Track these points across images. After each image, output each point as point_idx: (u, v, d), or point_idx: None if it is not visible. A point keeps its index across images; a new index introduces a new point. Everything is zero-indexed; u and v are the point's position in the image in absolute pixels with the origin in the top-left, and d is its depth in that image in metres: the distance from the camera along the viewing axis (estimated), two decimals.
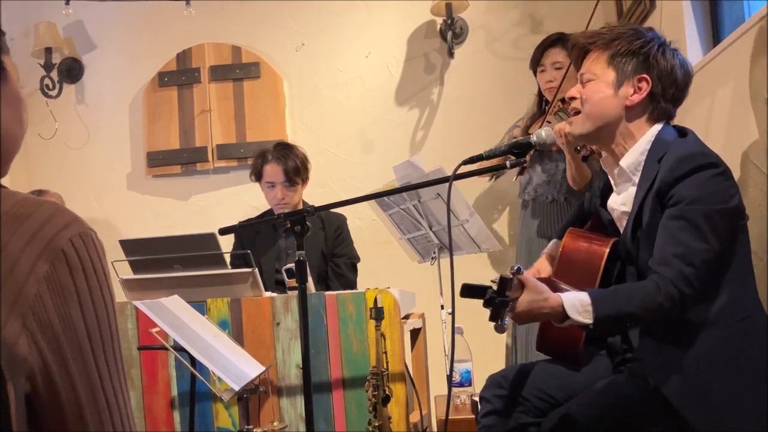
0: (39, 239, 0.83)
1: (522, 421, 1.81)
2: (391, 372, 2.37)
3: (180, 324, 2.19)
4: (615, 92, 1.76)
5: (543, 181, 3.14)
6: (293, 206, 3.18)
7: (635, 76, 1.75)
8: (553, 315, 1.60)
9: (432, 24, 3.95)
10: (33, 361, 0.81)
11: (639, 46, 1.75)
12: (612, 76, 1.77)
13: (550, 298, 1.58)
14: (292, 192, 3.17)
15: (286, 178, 3.14)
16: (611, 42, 1.78)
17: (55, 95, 4.08)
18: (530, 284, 1.58)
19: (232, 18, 4.06)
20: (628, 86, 1.76)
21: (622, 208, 1.82)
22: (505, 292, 1.51)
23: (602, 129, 1.80)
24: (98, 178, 4.13)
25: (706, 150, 1.69)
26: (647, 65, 1.74)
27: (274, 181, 3.15)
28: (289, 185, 3.15)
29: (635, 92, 1.75)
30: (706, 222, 1.59)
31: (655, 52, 1.74)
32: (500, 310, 1.51)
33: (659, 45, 1.76)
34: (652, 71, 1.74)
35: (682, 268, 1.58)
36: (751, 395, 1.60)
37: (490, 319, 1.51)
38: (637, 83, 1.75)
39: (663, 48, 1.76)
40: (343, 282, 3.18)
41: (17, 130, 0.96)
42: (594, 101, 1.79)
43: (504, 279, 1.51)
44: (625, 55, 1.76)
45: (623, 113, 1.77)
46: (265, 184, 3.19)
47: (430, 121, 3.96)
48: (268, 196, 3.22)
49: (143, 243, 2.60)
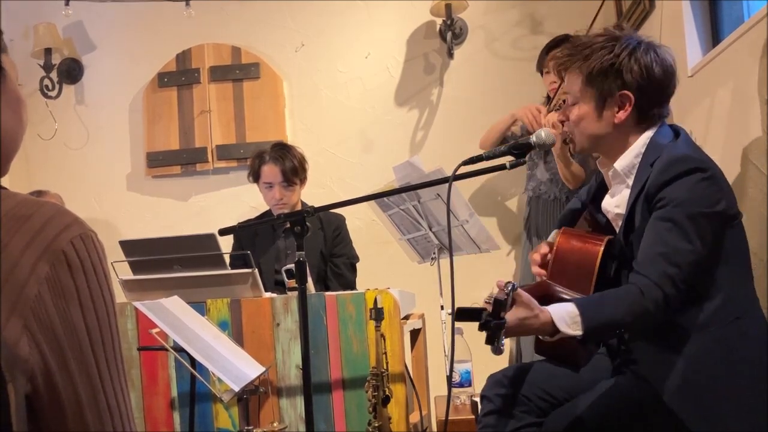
0: (40, 240, 0.83)
1: (523, 421, 1.81)
2: (391, 372, 2.38)
3: (180, 325, 2.19)
4: (599, 116, 1.77)
5: (546, 179, 3.16)
6: (291, 206, 3.18)
7: (616, 94, 1.74)
8: (543, 330, 1.58)
9: (431, 24, 3.96)
10: (34, 361, 0.81)
11: (610, 62, 1.72)
12: (593, 100, 1.77)
13: (539, 314, 1.56)
14: (291, 192, 3.16)
15: (284, 179, 3.13)
16: (585, 61, 1.76)
17: (55, 96, 4.07)
18: (521, 299, 1.56)
19: (232, 18, 4.06)
20: (612, 105, 1.75)
21: (616, 210, 1.83)
22: (500, 314, 1.49)
23: (595, 145, 1.83)
24: (98, 179, 4.13)
25: (695, 154, 1.69)
26: (623, 80, 1.72)
27: (272, 181, 3.15)
28: (287, 185, 3.15)
29: (620, 109, 1.75)
30: (691, 224, 1.60)
31: (627, 63, 1.71)
32: (496, 332, 1.49)
33: (630, 52, 1.72)
34: (631, 85, 1.72)
35: (665, 268, 1.58)
36: (748, 395, 1.61)
37: (486, 342, 1.49)
38: (619, 100, 1.74)
39: (634, 54, 1.72)
40: (342, 282, 3.18)
41: (17, 129, 0.96)
42: (581, 128, 1.81)
43: (498, 301, 1.49)
44: (599, 74, 1.74)
45: (613, 130, 1.78)
46: (263, 184, 3.19)
47: (430, 121, 3.96)
48: (266, 197, 3.22)
49: (143, 244, 2.60)
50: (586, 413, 1.70)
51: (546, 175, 3.14)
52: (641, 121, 1.77)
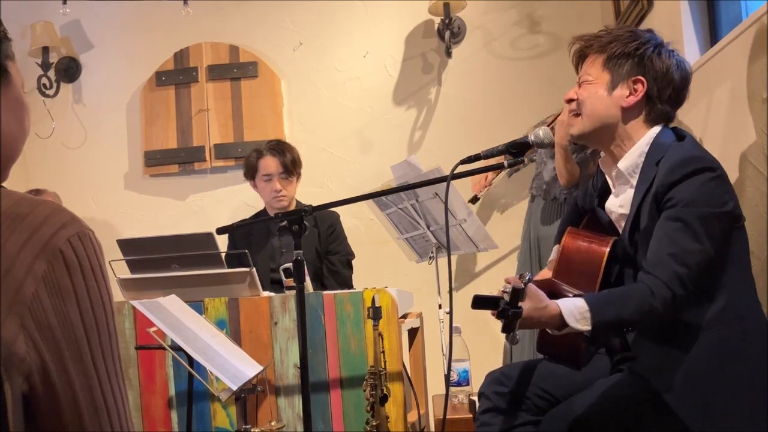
0: (37, 239, 0.83)
1: (521, 419, 1.81)
2: (388, 371, 2.37)
3: (178, 323, 2.19)
4: (609, 93, 1.77)
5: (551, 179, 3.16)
6: (290, 199, 3.20)
7: (630, 78, 1.76)
8: (551, 323, 1.59)
9: (430, 24, 3.95)
10: (31, 360, 0.81)
11: (634, 48, 1.76)
12: (607, 78, 1.78)
13: (548, 306, 1.57)
14: (289, 184, 3.19)
15: (283, 170, 3.16)
16: (607, 45, 1.79)
17: (53, 95, 4.07)
18: (530, 291, 1.56)
19: (230, 17, 4.06)
20: (624, 88, 1.76)
21: (620, 210, 1.82)
22: (517, 302, 1.49)
23: (600, 130, 1.81)
24: (95, 178, 4.12)
25: (703, 154, 1.70)
26: (642, 67, 1.75)
27: (272, 173, 3.16)
28: (287, 176, 3.17)
29: (631, 94, 1.76)
30: (701, 224, 1.60)
31: (650, 54, 1.75)
32: (513, 321, 1.49)
33: (655, 46, 1.76)
34: (648, 73, 1.74)
35: (676, 268, 1.58)
36: (749, 396, 1.61)
37: (502, 330, 1.49)
38: (632, 85, 1.76)
39: (659, 49, 1.76)
40: (338, 279, 3.18)
41: (18, 134, 0.96)
42: (589, 103, 1.80)
43: (516, 289, 1.49)
44: (620, 57, 1.77)
45: (620, 114, 1.78)
46: (262, 177, 3.19)
47: (428, 120, 3.96)
48: (264, 191, 3.22)
49: (141, 242, 2.59)
50: (584, 412, 1.70)
51: (552, 173, 3.14)
52: (647, 115, 1.77)
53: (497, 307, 1.49)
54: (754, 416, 1.60)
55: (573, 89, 1.86)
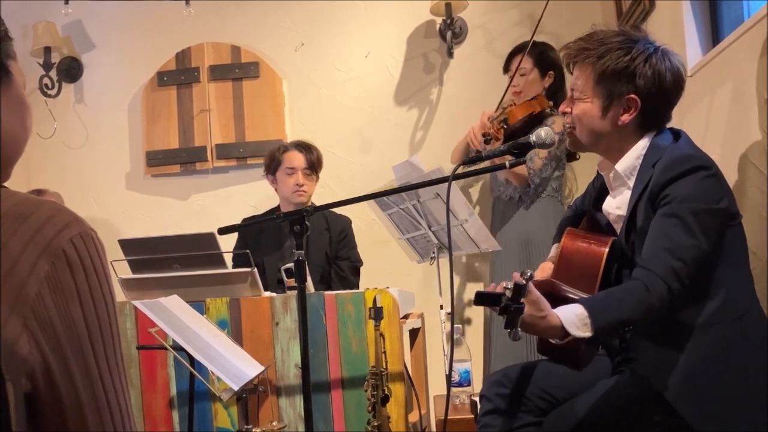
0: (39, 239, 0.83)
1: (522, 421, 1.81)
2: (390, 372, 2.38)
3: (179, 323, 2.19)
4: (603, 115, 1.77)
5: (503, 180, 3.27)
6: (309, 196, 3.26)
7: (623, 96, 1.74)
8: (551, 333, 1.57)
9: (431, 24, 3.95)
10: (34, 360, 0.81)
11: (625, 65, 1.73)
12: (600, 98, 1.77)
13: (548, 317, 1.54)
14: (311, 182, 3.23)
15: (307, 165, 3.22)
16: (599, 60, 1.76)
17: (54, 95, 4.07)
18: (531, 297, 1.54)
19: (232, 18, 4.06)
20: (618, 107, 1.76)
21: (618, 212, 1.83)
22: (520, 299, 1.48)
23: (596, 143, 1.83)
24: (97, 178, 4.12)
25: (697, 153, 1.71)
26: (635, 84, 1.73)
27: (296, 166, 3.21)
28: (310, 173, 3.23)
29: (625, 112, 1.75)
30: (696, 219, 1.60)
31: (641, 68, 1.72)
32: (516, 317, 1.48)
33: (646, 57, 1.73)
34: (641, 90, 1.72)
35: (671, 262, 1.58)
36: (749, 394, 1.61)
37: (505, 326, 1.48)
38: (626, 103, 1.75)
39: (650, 58, 1.73)
40: (345, 285, 3.20)
41: (20, 134, 0.96)
42: (585, 121, 1.80)
43: (518, 285, 1.48)
44: (612, 75, 1.74)
45: (615, 131, 1.78)
46: (285, 170, 3.22)
47: (430, 120, 3.96)
48: (285, 184, 3.24)
49: (142, 243, 2.60)
50: (585, 413, 1.70)
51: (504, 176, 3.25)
52: (643, 125, 1.77)
53: (499, 304, 1.49)
54: (754, 414, 1.60)
55: (567, 102, 1.86)
